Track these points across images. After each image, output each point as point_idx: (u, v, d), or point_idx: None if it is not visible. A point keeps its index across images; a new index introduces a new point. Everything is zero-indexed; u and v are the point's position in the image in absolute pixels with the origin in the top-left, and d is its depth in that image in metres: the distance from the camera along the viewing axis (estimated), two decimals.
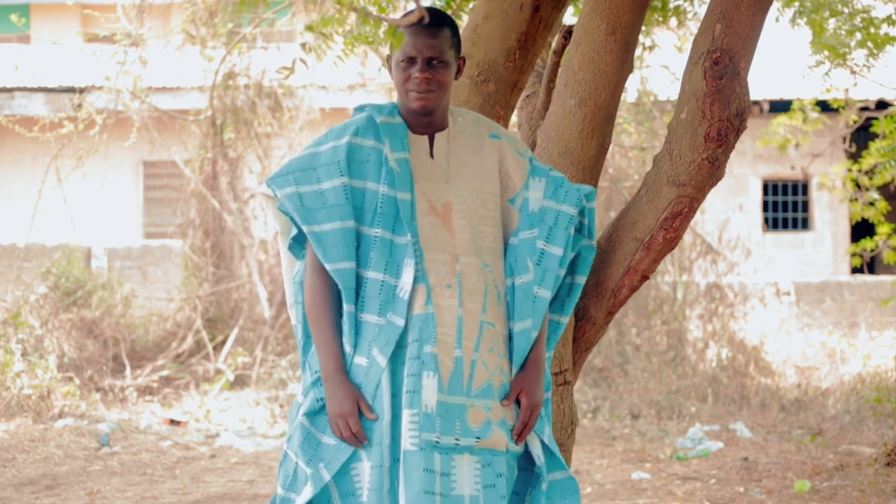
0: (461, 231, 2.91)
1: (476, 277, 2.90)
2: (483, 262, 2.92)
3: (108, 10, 11.28)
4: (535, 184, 3.02)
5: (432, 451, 2.78)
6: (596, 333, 3.71)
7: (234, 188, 11.76)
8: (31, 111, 13.60)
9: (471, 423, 2.83)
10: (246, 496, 6.62)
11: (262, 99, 11.52)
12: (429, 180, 2.93)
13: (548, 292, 2.94)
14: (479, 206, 2.95)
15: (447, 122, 3.01)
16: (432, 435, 2.78)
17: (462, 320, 2.85)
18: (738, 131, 3.50)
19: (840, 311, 13.03)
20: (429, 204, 2.91)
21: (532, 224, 2.98)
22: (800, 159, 13.64)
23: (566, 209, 3.00)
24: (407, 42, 2.88)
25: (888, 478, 6.81)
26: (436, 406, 2.79)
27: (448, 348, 2.83)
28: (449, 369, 2.83)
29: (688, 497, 6.54)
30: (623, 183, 10.78)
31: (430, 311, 2.83)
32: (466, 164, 2.98)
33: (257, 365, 10.54)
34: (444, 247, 2.89)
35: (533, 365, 2.93)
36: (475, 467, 2.82)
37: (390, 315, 2.83)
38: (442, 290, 2.86)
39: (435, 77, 2.90)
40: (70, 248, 11.15)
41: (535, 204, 2.99)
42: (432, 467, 2.76)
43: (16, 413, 8.74)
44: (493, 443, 2.85)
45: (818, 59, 6.79)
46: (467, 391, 2.84)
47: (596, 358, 10.14)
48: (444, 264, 2.87)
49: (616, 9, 3.61)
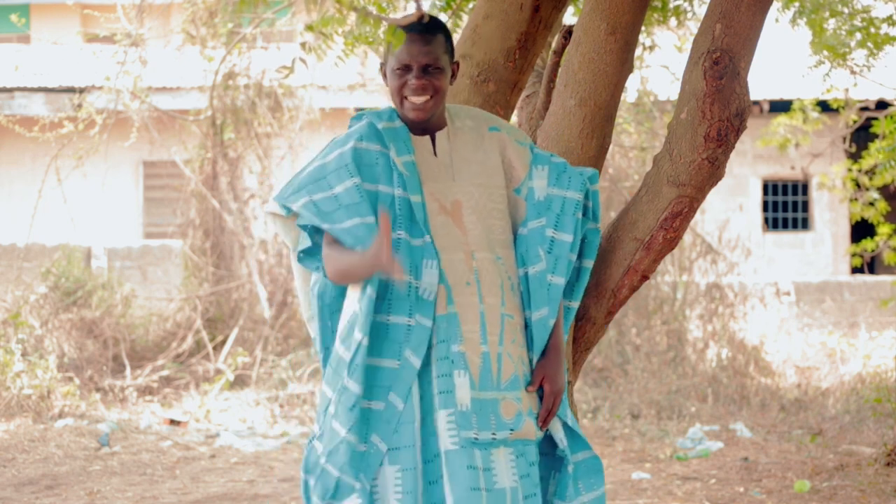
0: (473, 227, 2.94)
1: (492, 272, 2.93)
2: (496, 255, 2.96)
3: (108, 10, 11.28)
4: (538, 172, 3.05)
5: (472, 448, 2.83)
6: (596, 333, 3.71)
7: (234, 188, 11.76)
8: (31, 111, 13.61)
9: (504, 415, 2.88)
10: (246, 496, 6.62)
11: (262, 99, 11.52)
12: (435, 180, 2.96)
13: (561, 279, 2.98)
14: (486, 200, 2.98)
15: (445, 121, 3.03)
16: (470, 432, 2.83)
17: (484, 316, 2.89)
18: (738, 131, 3.50)
19: (840, 311, 13.03)
20: (438, 204, 2.94)
21: (539, 213, 3.01)
22: (800, 159, 13.64)
23: (572, 195, 3.04)
24: (401, 50, 2.90)
25: (888, 478, 6.81)
26: (470, 403, 2.84)
27: (474, 345, 2.87)
28: (478, 366, 2.87)
29: (688, 497, 6.54)
30: (623, 183, 10.78)
31: (452, 310, 2.87)
32: (470, 160, 3.01)
33: (257, 365, 10.54)
34: (459, 245, 2.92)
35: (553, 352, 2.99)
36: (510, 459, 2.88)
37: (418, 317, 2.85)
38: (462, 288, 2.89)
39: (431, 83, 2.92)
40: (70, 248, 11.15)
41: (540, 192, 3.02)
42: (475, 464, 2.82)
43: (16, 413, 8.74)
44: (525, 433, 2.91)
45: (818, 59, 6.79)
46: (497, 385, 2.89)
47: (596, 358, 10.14)
48: (460, 262, 2.91)
49: (616, 9, 3.62)
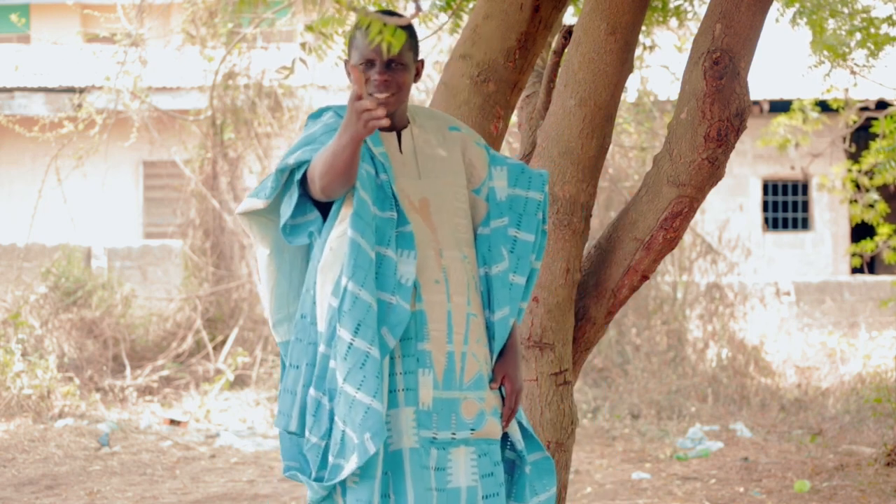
0: (440, 225, 2.94)
1: (459, 270, 2.93)
2: (463, 254, 2.96)
3: (108, 10, 11.28)
4: (497, 173, 3.05)
5: (430, 447, 2.83)
6: (596, 333, 3.72)
7: (234, 188, 11.76)
8: (31, 111, 13.60)
9: (465, 415, 2.88)
10: (246, 496, 6.62)
11: (262, 99, 11.52)
12: (403, 177, 2.95)
13: (522, 279, 2.99)
14: (452, 198, 2.98)
15: (407, 119, 3.03)
16: (429, 432, 2.84)
17: (451, 315, 2.89)
18: (738, 131, 3.50)
19: (840, 311, 13.03)
20: (408, 200, 2.93)
21: (502, 212, 3.02)
22: (800, 159, 13.63)
23: (534, 195, 3.05)
24: (364, 45, 2.90)
25: (888, 478, 6.81)
26: (432, 403, 2.84)
27: (440, 344, 2.87)
28: (443, 365, 2.87)
29: (688, 497, 6.54)
30: (623, 183, 10.79)
31: (420, 307, 2.87)
32: (435, 159, 3.00)
33: (257, 365, 10.54)
34: (428, 242, 2.91)
35: (512, 351, 2.99)
36: (471, 458, 2.87)
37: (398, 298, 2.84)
38: (431, 286, 2.89)
39: (395, 79, 2.91)
40: (70, 248, 11.15)
41: (501, 193, 3.03)
42: (427, 464, 2.82)
43: (16, 413, 8.74)
44: (488, 432, 2.90)
45: (818, 59, 6.79)
46: (460, 384, 2.89)
47: (596, 358, 10.15)
48: (430, 260, 2.90)
49: (616, 9, 3.62)
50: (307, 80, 11.55)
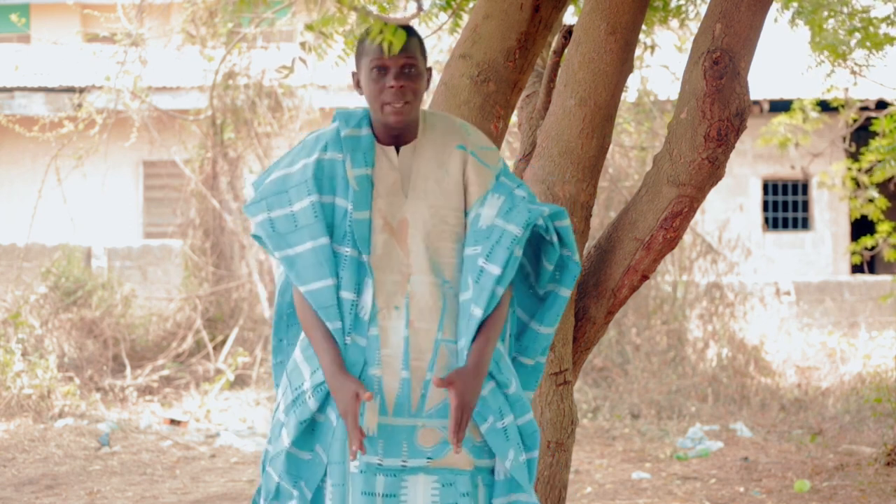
0: (415, 248, 2.87)
1: (429, 296, 2.85)
2: (441, 279, 2.88)
3: (108, 10, 11.28)
4: (492, 200, 2.91)
5: (375, 474, 2.78)
6: (596, 333, 3.72)
7: (234, 188, 11.77)
8: (31, 111, 13.61)
9: (421, 443, 2.81)
10: (246, 496, 6.62)
11: (262, 99, 11.53)
12: (388, 195, 2.89)
13: (480, 310, 2.84)
14: (438, 221, 2.89)
15: (416, 132, 2.95)
16: (374, 458, 2.78)
17: (409, 341, 2.82)
18: (738, 131, 3.50)
19: (840, 311, 13.04)
20: (384, 221, 2.87)
21: (477, 241, 2.88)
22: (800, 159, 13.63)
23: (512, 229, 2.87)
24: (376, 51, 2.85)
25: (888, 478, 6.81)
26: (377, 429, 2.79)
27: (393, 370, 2.81)
28: (395, 391, 2.80)
29: (688, 497, 6.54)
30: (623, 183, 10.79)
31: (374, 332, 2.82)
32: (428, 178, 2.92)
33: (257, 365, 10.55)
34: (396, 266, 2.85)
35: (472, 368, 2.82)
36: (432, 487, 2.80)
37: (354, 335, 2.82)
38: (389, 311, 2.83)
39: (410, 85, 2.85)
40: (70, 248, 11.16)
41: (485, 221, 2.89)
42: (373, 490, 2.77)
43: (16, 413, 8.74)
44: (451, 462, 2.82)
45: (818, 59, 6.79)
46: (417, 412, 2.81)
47: (596, 358, 10.14)
48: (394, 284, 2.84)
49: (616, 9, 3.62)
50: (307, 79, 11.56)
